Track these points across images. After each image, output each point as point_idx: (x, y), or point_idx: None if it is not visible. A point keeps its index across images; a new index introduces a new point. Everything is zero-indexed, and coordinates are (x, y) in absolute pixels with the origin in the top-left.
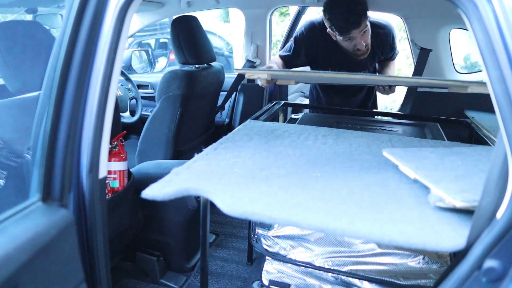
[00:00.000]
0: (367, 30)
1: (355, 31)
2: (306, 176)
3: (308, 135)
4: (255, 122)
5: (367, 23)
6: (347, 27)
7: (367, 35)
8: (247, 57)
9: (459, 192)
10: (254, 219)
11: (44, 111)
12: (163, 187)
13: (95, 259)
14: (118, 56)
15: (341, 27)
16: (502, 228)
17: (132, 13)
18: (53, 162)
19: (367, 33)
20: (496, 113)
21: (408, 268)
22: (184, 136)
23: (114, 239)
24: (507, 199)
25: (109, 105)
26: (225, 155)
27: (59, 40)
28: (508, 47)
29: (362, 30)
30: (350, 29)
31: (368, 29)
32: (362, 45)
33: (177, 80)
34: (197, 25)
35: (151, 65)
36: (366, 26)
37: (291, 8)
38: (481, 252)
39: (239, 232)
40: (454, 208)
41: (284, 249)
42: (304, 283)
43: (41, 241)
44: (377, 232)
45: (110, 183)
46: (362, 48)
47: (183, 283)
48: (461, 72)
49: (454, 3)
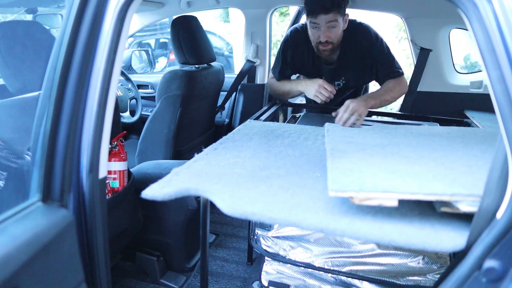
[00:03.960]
0: (336, 28)
1: (322, 16)
2: (306, 176)
3: (308, 135)
4: (255, 122)
5: (338, 20)
6: (315, 9)
7: (334, 33)
8: (247, 57)
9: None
10: (254, 219)
11: (44, 111)
12: (163, 187)
13: (95, 259)
14: (118, 56)
15: (310, 7)
16: (502, 228)
17: (132, 13)
18: (53, 162)
19: (334, 30)
20: (496, 113)
21: (407, 268)
22: (184, 136)
23: (114, 239)
24: (507, 199)
25: (109, 105)
26: (225, 155)
27: (59, 40)
28: (508, 47)
29: (329, 21)
30: (318, 12)
31: (337, 27)
32: (323, 37)
33: (177, 80)
34: (197, 25)
35: (151, 65)
36: (336, 22)
37: (291, 8)
38: (481, 252)
39: (239, 232)
40: (459, 212)
41: (283, 249)
42: (303, 283)
43: (41, 241)
44: (377, 232)
45: (110, 183)
46: (322, 40)
47: (183, 283)
48: (461, 72)
49: (454, 3)
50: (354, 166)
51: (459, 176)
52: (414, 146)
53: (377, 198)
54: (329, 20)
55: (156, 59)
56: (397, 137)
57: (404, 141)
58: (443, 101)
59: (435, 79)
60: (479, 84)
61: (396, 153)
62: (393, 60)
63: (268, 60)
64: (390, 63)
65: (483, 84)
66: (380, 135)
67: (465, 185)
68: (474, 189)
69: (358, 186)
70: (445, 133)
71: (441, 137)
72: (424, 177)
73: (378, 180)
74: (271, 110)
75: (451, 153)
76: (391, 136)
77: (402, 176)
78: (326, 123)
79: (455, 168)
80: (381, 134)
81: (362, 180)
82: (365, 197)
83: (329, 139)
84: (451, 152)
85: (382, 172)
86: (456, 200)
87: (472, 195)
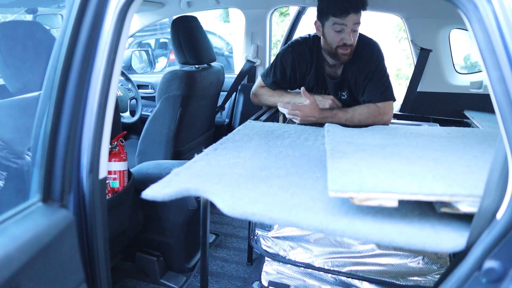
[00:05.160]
0: (357, 31)
1: (352, 16)
2: (306, 176)
3: (308, 136)
4: (255, 122)
5: (360, 21)
6: (346, 8)
7: (355, 36)
8: (247, 57)
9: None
10: (254, 219)
11: (45, 111)
12: (163, 187)
13: (95, 259)
14: (118, 56)
15: (339, 7)
16: (502, 229)
17: (133, 13)
18: (53, 162)
19: (356, 34)
20: (496, 113)
21: (407, 269)
22: (184, 136)
23: (114, 239)
24: (507, 199)
25: (109, 105)
26: (225, 155)
27: (59, 40)
28: (508, 47)
29: (356, 22)
30: (350, 10)
31: (358, 31)
32: (350, 40)
33: (177, 80)
34: (197, 25)
35: (151, 65)
36: (359, 24)
37: (291, 8)
38: (481, 253)
39: (239, 233)
40: (459, 213)
41: (283, 250)
42: (303, 284)
43: (42, 241)
44: (377, 233)
45: (110, 183)
46: (348, 43)
47: (183, 283)
48: (461, 73)
49: (454, 3)
50: (354, 166)
51: (459, 177)
52: (414, 146)
53: (377, 198)
54: (356, 22)
55: (156, 59)
56: (397, 138)
57: (404, 141)
58: (443, 101)
59: (435, 79)
60: (479, 85)
61: (396, 153)
62: (382, 85)
63: (268, 60)
64: (378, 87)
65: (483, 85)
66: (380, 135)
67: (465, 185)
68: (474, 189)
69: (358, 186)
70: (445, 133)
71: (441, 138)
72: (424, 177)
73: (378, 181)
74: (271, 110)
75: (451, 153)
76: (391, 137)
77: (402, 176)
78: (326, 124)
79: (455, 169)
80: (381, 134)
81: (362, 180)
82: (365, 198)
83: (329, 139)
84: (451, 153)
85: (382, 173)
86: (456, 200)
87: (472, 196)
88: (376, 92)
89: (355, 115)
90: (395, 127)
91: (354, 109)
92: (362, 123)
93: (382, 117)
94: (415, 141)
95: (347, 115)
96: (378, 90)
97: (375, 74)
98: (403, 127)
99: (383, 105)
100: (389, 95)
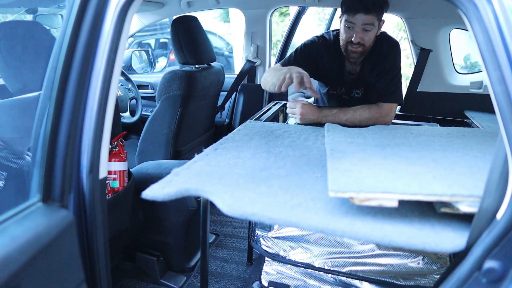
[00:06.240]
0: (371, 32)
1: (360, 16)
2: (306, 176)
3: (309, 136)
4: (255, 122)
5: (374, 24)
6: (355, 7)
7: (368, 36)
8: (247, 57)
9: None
10: (254, 219)
11: (45, 112)
12: (163, 187)
13: (95, 259)
14: (118, 56)
15: (349, 4)
16: (502, 229)
17: (133, 13)
18: (54, 162)
19: (368, 34)
20: (496, 113)
21: (407, 269)
22: (184, 136)
23: (114, 239)
24: (507, 199)
25: (109, 105)
26: (225, 155)
27: (59, 41)
28: (508, 47)
29: (365, 23)
30: (357, 10)
31: (372, 31)
32: (356, 38)
33: (177, 80)
34: (197, 25)
35: (151, 65)
36: (372, 26)
37: (291, 8)
38: (481, 253)
39: (239, 233)
40: (459, 213)
41: (283, 250)
42: (303, 284)
43: (42, 241)
44: (377, 233)
45: (110, 183)
46: (354, 41)
47: (183, 283)
48: (461, 73)
49: (454, 3)
50: (354, 166)
51: (459, 177)
52: (414, 146)
53: (377, 198)
54: (366, 23)
55: (156, 59)
56: (397, 138)
57: (404, 141)
58: (443, 102)
59: (435, 79)
60: (479, 85)
61: (396, 153)
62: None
63: (268, 60)
64: (388, 87)
65: (483, 85)
66: (380, 135)
67: (465, 185)
68: (474, 189)
69: (358, 186)
70: (445, 133)
71: (441, 138)
72: (424, 177)
73: (378, 181)
74: (272, 110)
75: (451, 153)
76: (391, 137)
77: (402, 176)
78: (326, 124)
79: (455, 169)
80: (381, 134)
81: (362, 180)
82: (365, 198)
83: (329, 139)
84: (451, 153)
85: (382, 173)
86: (456, 200)
87: (472, 196)
88: (385, 91)
89: (355, 115)
90: (395, 127)
91: (355, 109)
92: (362, 124)
93: (383, 118)
94: (415, 141)
95: (348, 115)
96: (388, 90)
97: (389, 72)
98: (403, 127)
99: (386, 106)
100: (396, 98)
